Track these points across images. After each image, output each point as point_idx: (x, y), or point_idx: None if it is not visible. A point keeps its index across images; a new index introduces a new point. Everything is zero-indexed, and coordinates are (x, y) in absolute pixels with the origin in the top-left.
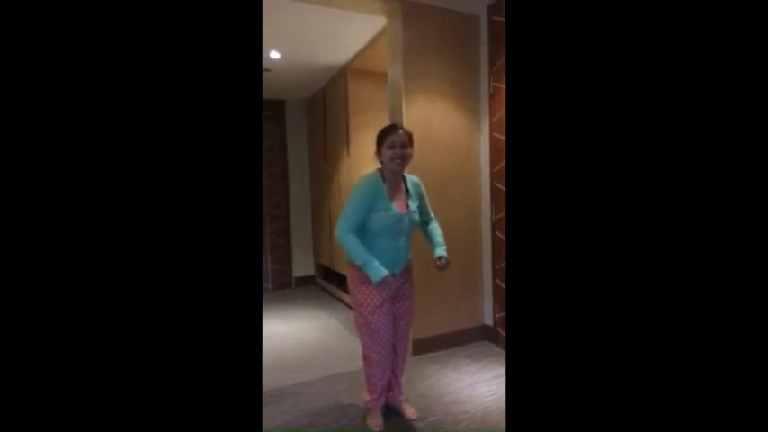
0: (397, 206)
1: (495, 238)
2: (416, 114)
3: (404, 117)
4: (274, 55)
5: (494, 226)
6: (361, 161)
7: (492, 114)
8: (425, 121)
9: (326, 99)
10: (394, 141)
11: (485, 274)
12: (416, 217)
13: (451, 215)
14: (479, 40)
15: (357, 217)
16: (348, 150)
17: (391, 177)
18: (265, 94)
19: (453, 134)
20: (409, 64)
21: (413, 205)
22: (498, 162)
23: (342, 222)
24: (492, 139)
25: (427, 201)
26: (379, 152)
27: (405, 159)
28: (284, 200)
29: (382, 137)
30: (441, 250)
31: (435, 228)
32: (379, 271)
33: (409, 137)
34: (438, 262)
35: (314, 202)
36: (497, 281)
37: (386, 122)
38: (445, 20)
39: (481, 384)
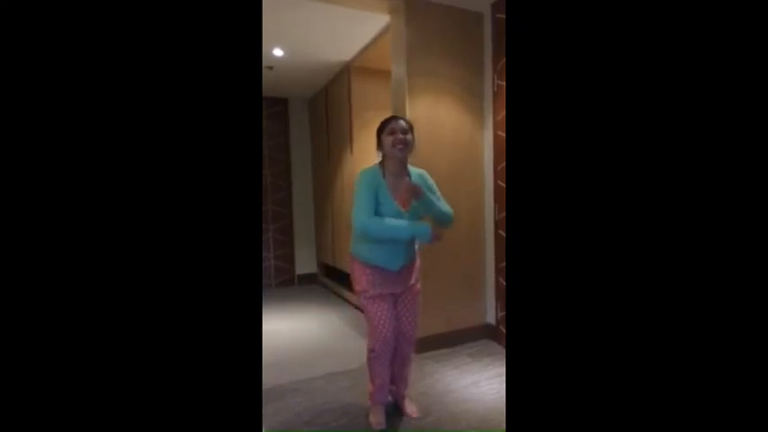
0: (397, 202)
1: (498, 237)
2: (420, 112)
3: (407, 115)
4: (278, 52)
5: (497, 224)
6: (364, 159)
7: (496, 112)
8: (429, 119)
9: (330, 96)
10: (394, 128)
11: (488, 272)
12: (419, 214)
13: (455, 213)
14: (483, 38)
15: (371, 203)
16: (351, 148)
17: (394, 169)
18: (268, 92)
19: (457, 132)
20: (413, 61)
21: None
22: (502, 160)
23: (358, 213)
24: (496, 138)
25: (437, 191)
26: (379, 143)
27: (407, 145)
28: (287, 197)
29: (382, 127)
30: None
31: (444, 208)
32: (421, 227)
33: (410, 125)
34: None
35: (317, 200)
36: (500, 279)
37: None
38: (449, 17)
39: (483, 383)
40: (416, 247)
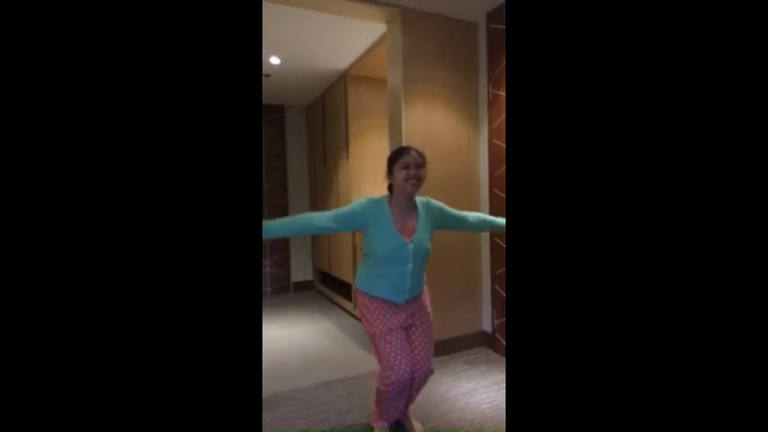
0: (401, 232)
1: (494, 244)
2: (416, 120)
3: (403, 123)
4: (274, 60)
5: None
6: (361, 166)
7: (491, 121)
8: (425, 128)
9: (326, 104)
10: (408, 162)
11: (484, 280)
12: (425, 244)
13: None
14: (478, 47)
15: (337, 216)
16: (347, 155)
17: (402, 202)
18: (265, 99)
19: (453, 140)
20: (409, 70)
21: (421, 232)
22: (497, 168)
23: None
24: (491, 146)
25: (447, 209)
26: (390, 174)
27: (419, 180)
28: (283, 204)
29: (395, 158)
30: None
31: (480, 216)
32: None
33: (423, 158)
34: None
35: (313, 206)
36: (496, 287)
37: (385, 128)
38: (444, 27)
39: (479, 391)
40: (424, 278)
